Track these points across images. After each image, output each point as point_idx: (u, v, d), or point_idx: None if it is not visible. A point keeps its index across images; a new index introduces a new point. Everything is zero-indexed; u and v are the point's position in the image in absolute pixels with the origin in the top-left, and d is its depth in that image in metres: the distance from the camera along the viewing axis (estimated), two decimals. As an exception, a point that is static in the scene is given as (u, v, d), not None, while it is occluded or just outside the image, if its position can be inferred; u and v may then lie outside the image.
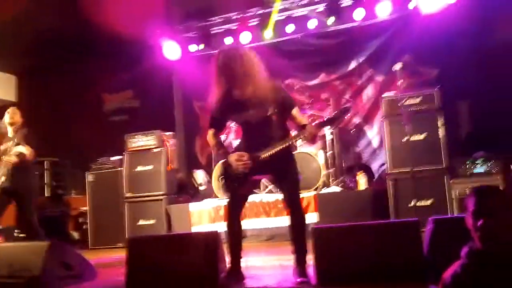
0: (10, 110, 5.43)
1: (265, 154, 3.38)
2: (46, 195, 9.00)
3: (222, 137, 3.73)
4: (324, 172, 6.73)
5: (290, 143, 3.42)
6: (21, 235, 7.55)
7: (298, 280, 3.33)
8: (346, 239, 3.31)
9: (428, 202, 5.67)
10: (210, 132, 3.66)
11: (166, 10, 8.50)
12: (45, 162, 9.21)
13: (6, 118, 5.37)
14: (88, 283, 3.97)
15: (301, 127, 3.46)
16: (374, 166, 8.18)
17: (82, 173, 7.58)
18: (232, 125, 6.91)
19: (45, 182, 9.14)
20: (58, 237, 5.19)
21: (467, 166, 5.59)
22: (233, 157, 3.47)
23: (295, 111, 3.52)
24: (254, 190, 6.74)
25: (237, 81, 3.36)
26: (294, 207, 3.53)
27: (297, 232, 3.53)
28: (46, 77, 10.00)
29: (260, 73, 3.43)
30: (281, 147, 3.35)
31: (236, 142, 6.67)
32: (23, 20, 8.06)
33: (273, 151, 3.36)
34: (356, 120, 8.58)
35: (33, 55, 9.42)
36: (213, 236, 3.55)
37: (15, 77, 11.03)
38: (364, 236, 3.30)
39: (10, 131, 5.37)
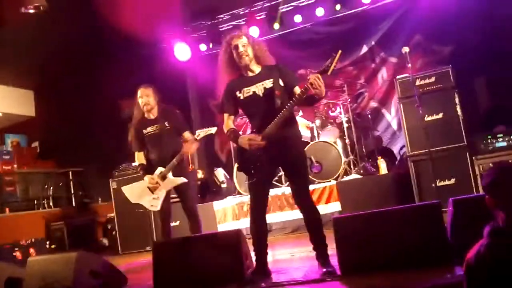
0: (141, 90, 4.93)
1: (271, 127, 3.38)
2: (73, 205, 9.19)
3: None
4: (344, 160, 6.69)
5: (291, 106, 3.39)
6: (52, 246, 7.73)
7: (324, 270, 3.33)
8: (366, 227, 3.28)
9: (452, 181, 5.61)
10: (225, 115, 3.70)
11: (174, 12, 8.53)
12: (70, 172, 9.39)
13: (143, 100, 4.84)
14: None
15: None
16: (395, 149, 8.11)
17: (106, 180, 7.67)
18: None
19: (72, 192, 9.33)
20: (87, 245, 5.24)
21: (488, 141, 5.49)
22: (245, 139, 3.49)
23: (296, 88, 3.50)
24: (276, 183, 6.78)
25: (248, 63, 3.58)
26: (304, 204, 3.55)
27: (312, 229, 3.53)
28: (62, 89, 10.10)
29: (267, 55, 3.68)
30: (283, 114, 3.37)
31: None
32: (35, 35, 8.16)
33: (278, 120, 3.37)
34: (373, 104, 8.52)
35: (47, 69, 9.54)
36: (236, 235, 3.59)
37: (33, 92, 11.21)
38: (384, 223, 3.26)
39: (148, 114, 4.91)
